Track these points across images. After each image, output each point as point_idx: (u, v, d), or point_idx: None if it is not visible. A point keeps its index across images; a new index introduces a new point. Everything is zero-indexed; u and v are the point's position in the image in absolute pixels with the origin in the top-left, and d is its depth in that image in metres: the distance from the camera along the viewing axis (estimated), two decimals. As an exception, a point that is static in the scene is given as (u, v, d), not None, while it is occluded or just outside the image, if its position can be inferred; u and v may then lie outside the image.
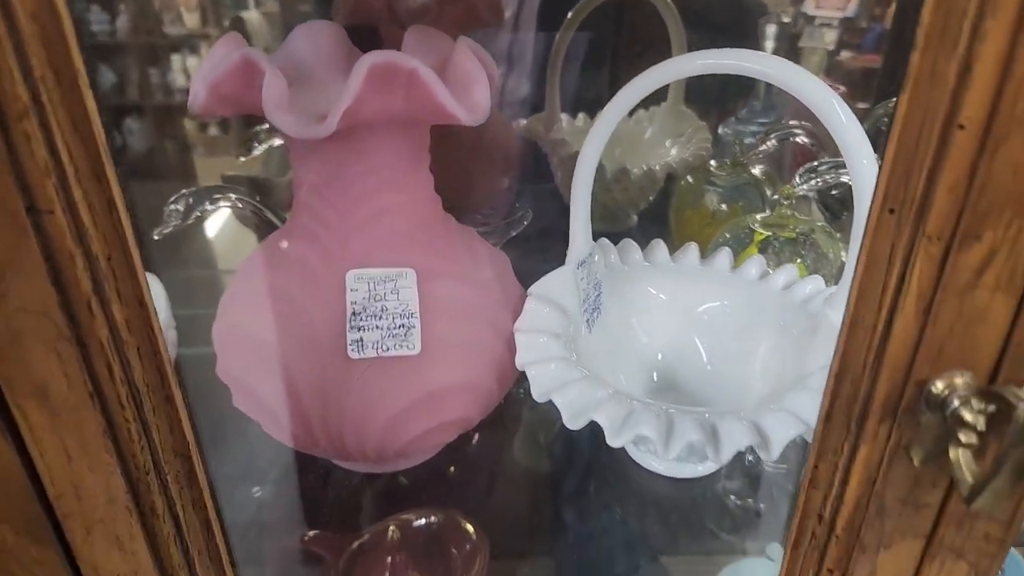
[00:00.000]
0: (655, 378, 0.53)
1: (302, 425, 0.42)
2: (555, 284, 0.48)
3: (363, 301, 0.41)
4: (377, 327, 0.40)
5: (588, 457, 0.56)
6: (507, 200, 0.74)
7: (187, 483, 0.32)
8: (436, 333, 0.42)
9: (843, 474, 0.31)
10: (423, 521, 0.68)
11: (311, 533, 0.61)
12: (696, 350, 0.53)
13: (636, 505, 0.52)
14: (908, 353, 0.28)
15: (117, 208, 0.26)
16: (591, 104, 0.89)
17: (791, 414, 0.39)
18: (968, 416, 0.26)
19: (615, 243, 0.55)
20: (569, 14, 0.78)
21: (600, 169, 0.76)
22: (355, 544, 0.66)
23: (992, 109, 0.23)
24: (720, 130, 0.88)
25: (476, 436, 0.59)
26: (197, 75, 0.38)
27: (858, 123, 0.39)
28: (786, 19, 0.94)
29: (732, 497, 0.52)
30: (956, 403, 0.27)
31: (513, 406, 0.61)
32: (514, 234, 0.64)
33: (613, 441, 0.39)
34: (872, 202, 0.26)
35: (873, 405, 0.29)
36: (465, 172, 0.70)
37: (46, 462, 0.29)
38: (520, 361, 0.43)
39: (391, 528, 0.66)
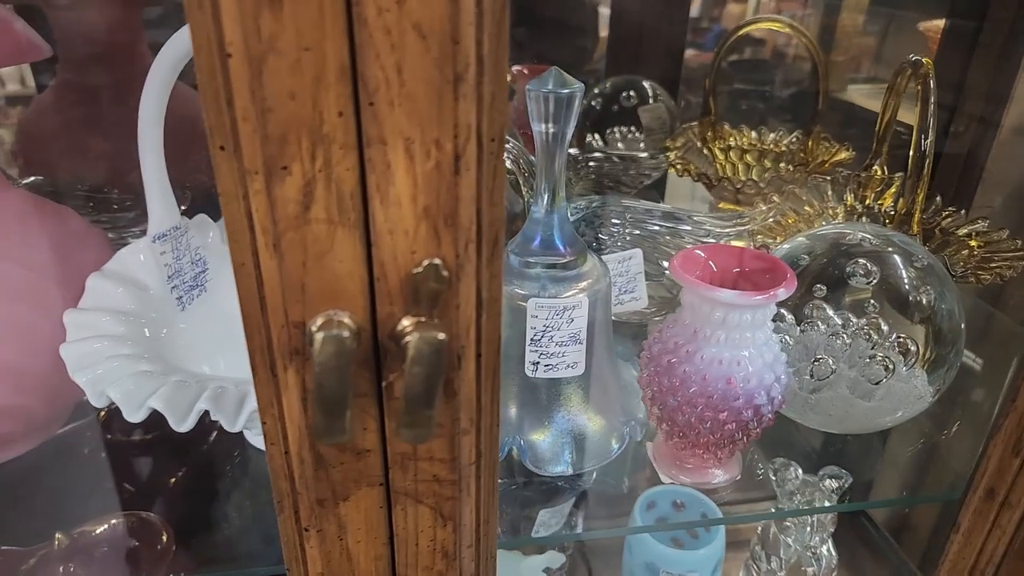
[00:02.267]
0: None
1: None
2: (129, 260, 0.46)
3: None
4: None
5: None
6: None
7: None
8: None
9: (282, 425, 0.31)
10: (104, 527, 0.67)
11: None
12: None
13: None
14: (280, 293, 0.28)
15: None
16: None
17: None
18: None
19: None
20: None
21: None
22: (30, 561, 0.63)
23: (244, 32, 0.23)
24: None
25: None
26: None
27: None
28: None
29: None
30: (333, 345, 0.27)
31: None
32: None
33: (131, 417, 0.38)
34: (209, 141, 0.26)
35: (275, 351, 0.29)
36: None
37: None
38: (62, 347, 0.42)
39: (56, 539, 0.64)
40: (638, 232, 0.67)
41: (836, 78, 1.10)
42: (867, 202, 0.69)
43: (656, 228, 0.67)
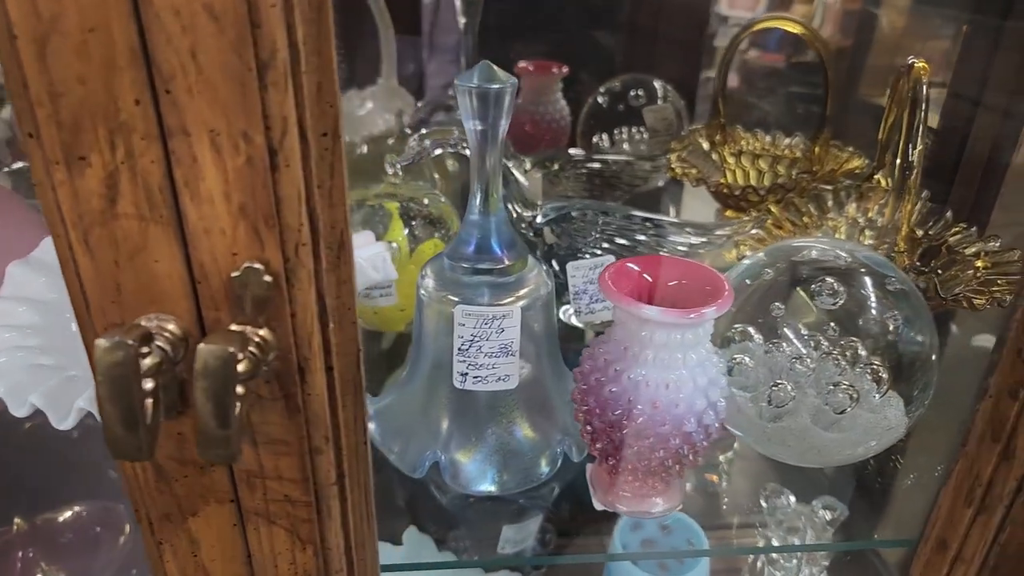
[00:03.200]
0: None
1: None
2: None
3: None
4: None
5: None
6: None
7: None
8: None
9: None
10: (68, 514, 0.68)
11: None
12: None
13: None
14: (98, 293, 0.26)
15: None
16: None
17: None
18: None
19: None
20: None
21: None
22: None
23: (24, 11, 0.22)
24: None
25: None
26: None
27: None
28: None
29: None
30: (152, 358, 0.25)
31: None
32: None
33: (16, 412, 0.37)
34: None
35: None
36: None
37: None
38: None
39: (15, 524, 0.66)
40: (621, 240, 0.63)
41: (879, 82, 1.04)
42: (869, 215, 0.64)
43: (638, 236, 0.63)
